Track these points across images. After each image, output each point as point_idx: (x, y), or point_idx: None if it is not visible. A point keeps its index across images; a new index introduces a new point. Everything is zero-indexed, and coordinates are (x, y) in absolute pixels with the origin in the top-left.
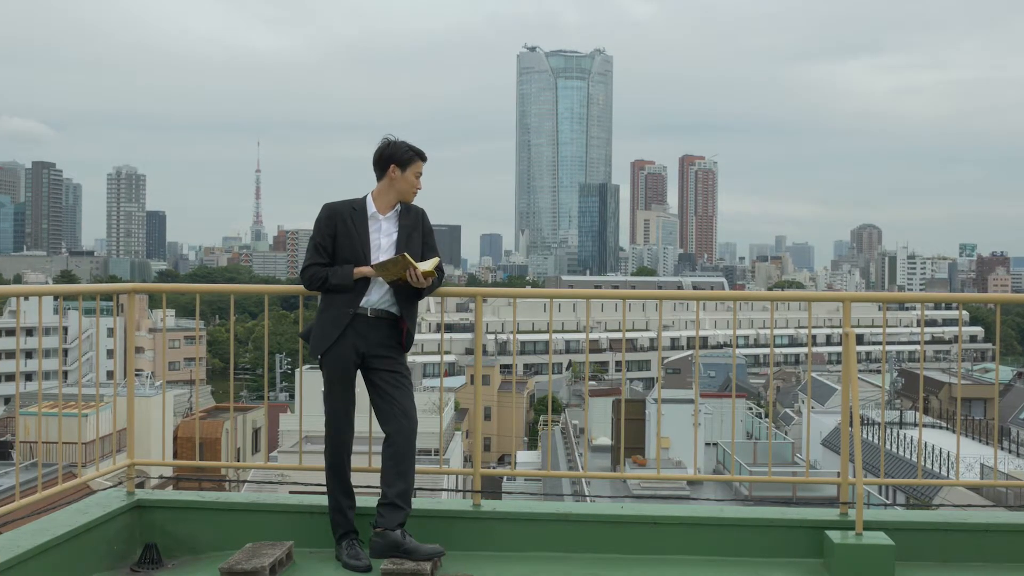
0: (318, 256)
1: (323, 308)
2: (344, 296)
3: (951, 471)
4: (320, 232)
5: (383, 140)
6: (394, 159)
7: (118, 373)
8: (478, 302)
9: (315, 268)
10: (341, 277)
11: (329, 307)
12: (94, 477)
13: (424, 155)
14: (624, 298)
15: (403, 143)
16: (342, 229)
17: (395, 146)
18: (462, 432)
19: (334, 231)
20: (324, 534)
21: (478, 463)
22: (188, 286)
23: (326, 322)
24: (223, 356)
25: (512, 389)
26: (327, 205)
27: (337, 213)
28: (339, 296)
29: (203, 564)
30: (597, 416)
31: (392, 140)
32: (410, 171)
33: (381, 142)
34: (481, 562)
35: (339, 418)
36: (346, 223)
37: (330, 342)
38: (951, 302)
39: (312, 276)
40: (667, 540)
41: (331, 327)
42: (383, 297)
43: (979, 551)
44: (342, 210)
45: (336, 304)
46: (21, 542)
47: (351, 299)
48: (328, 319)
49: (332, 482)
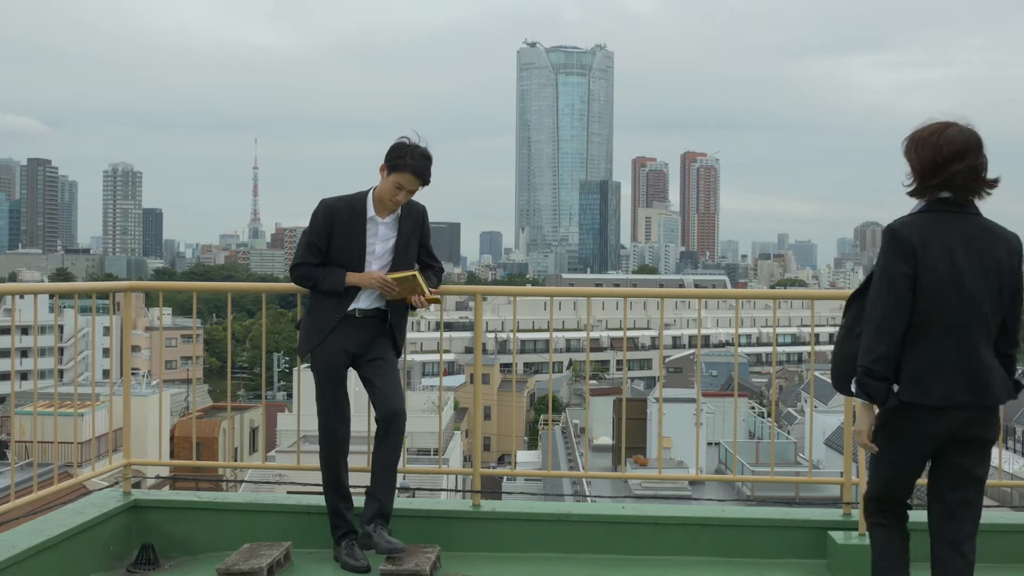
0: (310, 255)
1: (311, 309)
2: (333, 300)
3: None
4: (315, 230)
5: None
6: (388, 159)
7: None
8: (478, 300)
9: (306, 268)
10: (333, 283)
11: (316, 309)
12: (90, 477)
13: (418, 171)
14: (625, 296)
15: (407, 148)
16: (339, 229)
17: (397, 148)
18: (462, 431)
19: (330, 230)
20: (322, 534)
21: (477, 463)
22: (185, 284)
23: (313, 324)
24: (220, 355)
25: (512, 388)
26: (324, 201)
27: (335, 211)
28: (328, 300)
29: (200, 565)
30: (598, 415)
31: (402, 142)
32: (393, 178)
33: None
34: (481, 563)
35: (331, 417)
36: (343, 223)
37: (317, 342)
38: None
39: (302, 275)
40: (669, 541)
41: (317, 331)
42: (373, 302)
43: (983, 551)
44: (340, 209)
45: (324, 307)
46: (16, 543)
47: (340, 303)
48: (315, 322)
49: (328, 483)
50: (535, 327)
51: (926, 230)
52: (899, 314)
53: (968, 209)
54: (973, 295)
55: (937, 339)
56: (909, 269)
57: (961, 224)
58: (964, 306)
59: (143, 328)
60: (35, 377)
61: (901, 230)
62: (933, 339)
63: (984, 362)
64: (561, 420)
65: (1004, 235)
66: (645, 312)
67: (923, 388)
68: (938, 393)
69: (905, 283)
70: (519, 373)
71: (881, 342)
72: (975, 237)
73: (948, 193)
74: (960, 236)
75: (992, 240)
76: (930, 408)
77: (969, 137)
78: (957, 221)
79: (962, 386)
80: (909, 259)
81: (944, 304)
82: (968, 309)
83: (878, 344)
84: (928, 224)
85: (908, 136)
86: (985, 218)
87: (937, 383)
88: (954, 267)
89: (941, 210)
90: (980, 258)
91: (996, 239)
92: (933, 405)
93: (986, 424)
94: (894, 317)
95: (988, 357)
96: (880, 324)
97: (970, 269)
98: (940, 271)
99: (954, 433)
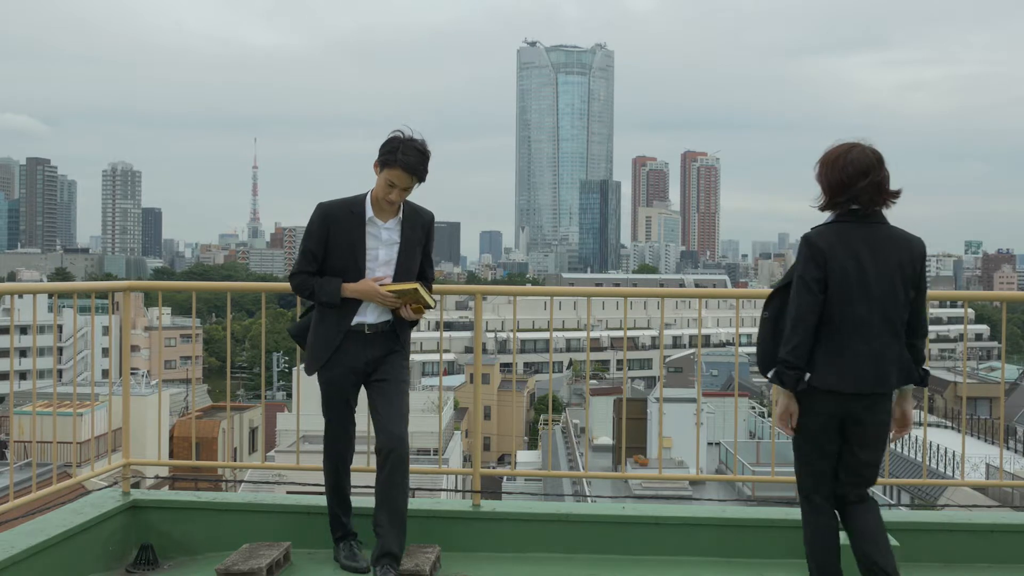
0: (306, 263)
1: (318, 320)
2: (336, 313)
3: (956, 471)
4: (312, 236)
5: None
6: (379, 155)
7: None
8: (477, 300)
9: (303, 277)
10: (328, 294)
11: (323, 321)
12: (89, 477)
13: (410, 167)
14: (625, 296)
15: (399, 143)
16: (336, 234)
17: (388, 143)
18: (461, 431)
19: (326, 236)
20: (322, 535)
21: (477, 463)
22: (184, 284)
23: (319, 340)
24: (220, 354)
25: (512, 388)
26: (321, 205)
27: (331, 216)
28: (331, 313)
29: (199, 565)
30: (598, 415)
31: (394, 136)
32: (384, 175)
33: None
34: (481, 563)
35: (335, 430)
36: (341, 228)
37: (322, 362)
38: (956, 300)
39: (299, 284)
40: (669, 541)
41: (323, 348)
42: (381, 315)
43: (985, 552)
44: (337, 213)
45: (329, 320)
46: (15, 543)
47: (344, 316)
48: (320, 336)
49: (329, 488)
50: (535, 327)
51: (835, 238)
52: (811, 312)
53: (874, 219)
54: (877, 295)
55: (845, 333)
56: (820, 273)
57: (867, 232)
58: (869, 304)
59: (142, 328)
60: (34, 377)
61: (814, 239)
62: (842, 333)
63: (885, 354)
64: (561, 420)
65: (908, 240)
66: (645, 312)
67: (831, 376)
68: (844, 380)
69: (816, 285)
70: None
71: (796, 336)
72: (880, 243)
73: (856, 206)
74: (866, 243)
75: (896, 245)
76: (837, 393)
77: (871, 156)
78: (863, 230)
79: (864, 375)
80: (820, 264)
81: (852, 303)
82: (873, 307)
83: (793, 337)
84: (838, 233)
85: (818, 160)
86: (891, 226)
87: (843, 371)
88: (860, 270)
89: (850, 220)
90: (885, 261)
91: (900, 244)
92: (839, 390)
93: (884, 406)
94: (807, 314)
95: (890, 349)
96: (795, 320)
97: (875, 272)
98: (848, 274)
99: (857, 414)
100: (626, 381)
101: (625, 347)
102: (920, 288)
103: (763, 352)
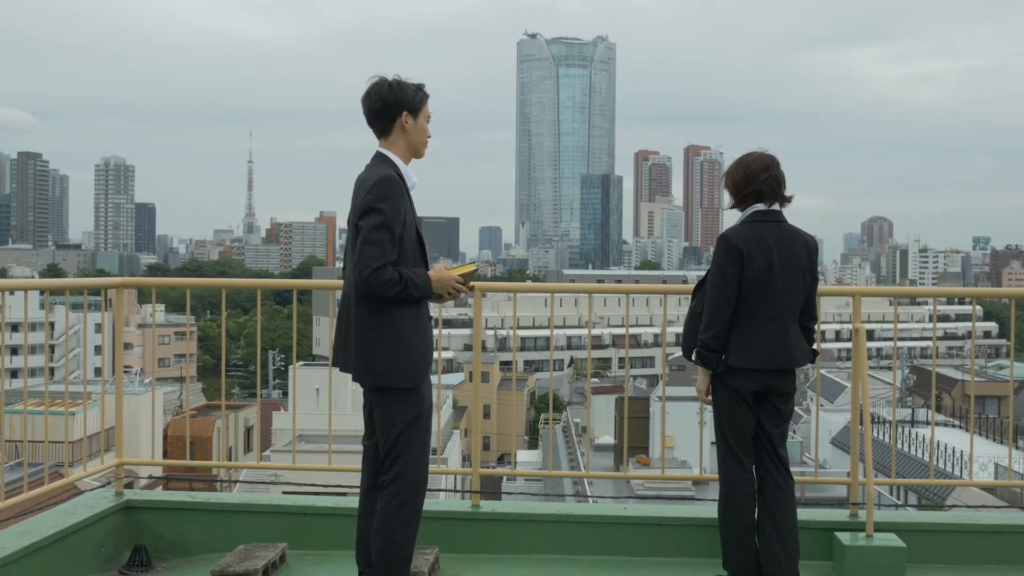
0: (392, 251)
1: (411, 319)
2: (425, 309)
3: (964, 471)
4: (399, 215)
5: (379, 81)
6: (404, 103)
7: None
8: (477, 297)
9: (389, 270)
10: (423, 289)
11: (418, 320)
12: (81, 477)
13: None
14: (627, 292)
15: (407, 82)
16: (407, 212)
17: (402, 87)
18: (461, 431)
19: (403, 214)
20: (318, 536)
21: (477, 463)
22: (178, 280)
23: (425, 342)
24: (215, 352)
25: (512, 386)
26: (389, 176)
27: (403, 188)
28: (423, 307)
29: (194, 566)
30: (600, 414)
31: (393, 81)
32: (423, 116)
33: (377, 84)
34: (480, 564)
35: (426, 461)
36: (408, 203)
37: (429, 365)
38: (964, 296)
39: (388, 281)
40: (672, 542)
41: (430, 351)
42: (433, 308)
43: (993, 553)
44: (403, 184)
45: (423, 318)
46: (7, 544)
47: (422, 311)
48: (425, 338)
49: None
50: (535, 324)
51: (750, 236)
52: (729, 302)
53: (778, 218)
54: (785, 285)
55: (758, 320)
56: (737, 268)
57: (775, 230)
58: (778, 295)
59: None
60: (25, 375)
61: (732, 238)
62: (755, 320)
63: (791, 336)
64: (562, 419)
65: (804, 237)
66: (648, 309)
67: (745, 356)
68: (756, 359)
69: (734, 279)
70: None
71: (715, 324)
72: (785, 240)
73: (762, 204)
74: (775, 240)
75: (796, 241)
76: (751, 370)
77: (768, 156)
78: (772, 228)
79: (773, 354)
80: (737, 261)
81: (764, 293)
82: (781, 297)
83: (712, 325)
84: (752, 232)
85: (724, 173)
86: (790, 224)
87: (756, 352)
88: (771, 265)
89: (761, 220)
90: (790, 256)
91: (799, 240)
92: (752, 368)
93: (790, 380)
94: (725, 305)
95: (794, 332)
96: (714, 310)
97: (781, 266)
98: (761, 269)
99: (768, 387)
100: (628, 379)
101: (627, 345)
102: (814, 278)
103: (687, 337)
